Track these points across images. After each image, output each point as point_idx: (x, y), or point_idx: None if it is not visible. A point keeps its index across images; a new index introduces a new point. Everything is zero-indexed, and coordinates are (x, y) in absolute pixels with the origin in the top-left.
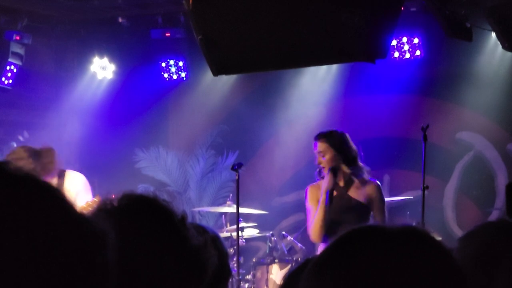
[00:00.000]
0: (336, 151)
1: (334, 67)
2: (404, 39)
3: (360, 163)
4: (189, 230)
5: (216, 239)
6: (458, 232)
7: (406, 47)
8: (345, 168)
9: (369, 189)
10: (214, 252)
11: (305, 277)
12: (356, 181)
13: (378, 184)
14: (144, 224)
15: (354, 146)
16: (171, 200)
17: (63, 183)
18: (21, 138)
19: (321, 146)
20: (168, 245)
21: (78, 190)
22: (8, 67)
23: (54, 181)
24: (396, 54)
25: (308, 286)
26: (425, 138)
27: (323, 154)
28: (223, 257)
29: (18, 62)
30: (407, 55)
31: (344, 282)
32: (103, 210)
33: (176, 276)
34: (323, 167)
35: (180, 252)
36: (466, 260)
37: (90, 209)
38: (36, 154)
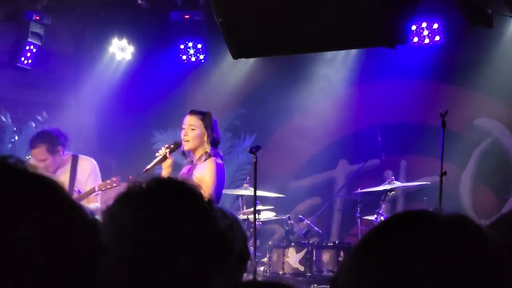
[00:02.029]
0: (205, 129)
1: (353, 52)
2: (424, 24)
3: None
4: (216, 212)
5: (237, 222)
6: (474, 218)
7: (425, 33)
8: (206, 147)
9: (203, 167)
10: (239, 235)
11: (345, 266)
12: (204, 161)
13: (212, 163)
14: (174, 206)
15: (219, 133)
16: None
17: (76, 167)
18: (40, 118)
19: (193, 120)
20: (198, 226)
21: (89, 174)
22: (27, 47)
23: (67, 166)
24: (416, 39)
25: (348, 276)
26: (443, 124)
27: (193, 129)
28: (245, 241)
29: (38, 42)
30: (427, 41)
31: (390, 267)
32: (132, 192)
33: (205, 256)
34: (186, 141)
35: (209, 233)
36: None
37: (108, 187)
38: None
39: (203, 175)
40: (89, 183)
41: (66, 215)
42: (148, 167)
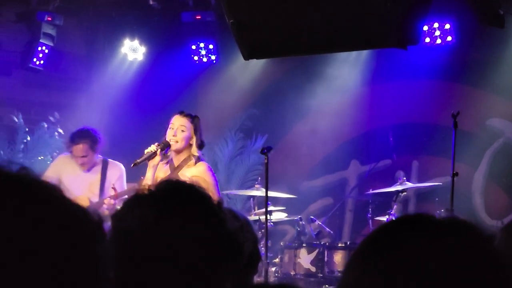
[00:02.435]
0: (194, 132)
1: (364, 52)
2: (436, 25)
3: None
4: (226, 214)
5: (248, 224)
6: (486, 219)
7: (437, 33)
8: (194, 151)
9: (196, 170)
10: (249, 237)
11: (348, 265)
12: (192, 164)
13: (206, 166)
14: (183, 208)
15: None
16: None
17: (106, 171)
18: (52, 119)
19: (184, 121)
20: (207, 228)
21: (117, 179)
22: (39, 48)
23: (98, 168)
24: (427, 40)
25: (351, 275)
26: (455, 125)
27: (183, 130)
28: (255, 242)
29: (50, 43)
30: (438, 41)
31: (390, 271)
32: (141, 195)
33: (215, 258)
34: (175, 141)
35: (219, 235)
36: (510, 250)
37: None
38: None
39: (203, 179)
40: (118, 186)
41: (68, 215)
42: (137, 160)
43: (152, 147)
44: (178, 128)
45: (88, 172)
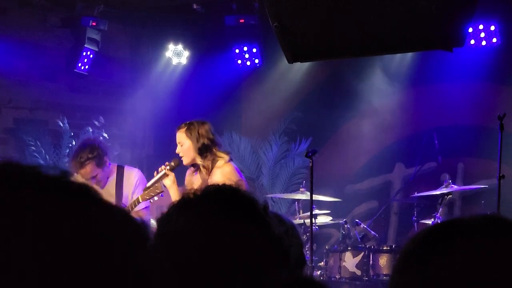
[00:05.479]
0: (191, 141)
1: (410, 54)
2: (481, 26)
3: (220, 150)
4: (272, 219)
5: (293, 228)
6: None
7: (482, 34)
8: (198, 160)
9: (220, 173)
10: (295, 241)
11: (394, 270)
12: (220, 165)
13: (230, 166)
14: (229, 212)
15: (211, 135)
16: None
17: (122, 179)
18: (96, 123)
19: (179, 136)
20: (253, 233)
21: (136, 186)
22: (84, 53)
23: (113, 177)
24: (472, 41)
25: (397, 280)
26: (501, 127)
27: (181, 144)
28: (300, 247)
29: (94, 48)
30: (483, 43)
31: (433, 277)
32: (187, 199)
33: (261, 263)
34: (182, 157)
35: (265, 240)
36: None
37: (151, 195)
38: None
39: (229, 179)
40: (136, 195)
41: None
42: (148, 185)
43: (161, 168)
44: (178, 145)
45: (104, 188)
